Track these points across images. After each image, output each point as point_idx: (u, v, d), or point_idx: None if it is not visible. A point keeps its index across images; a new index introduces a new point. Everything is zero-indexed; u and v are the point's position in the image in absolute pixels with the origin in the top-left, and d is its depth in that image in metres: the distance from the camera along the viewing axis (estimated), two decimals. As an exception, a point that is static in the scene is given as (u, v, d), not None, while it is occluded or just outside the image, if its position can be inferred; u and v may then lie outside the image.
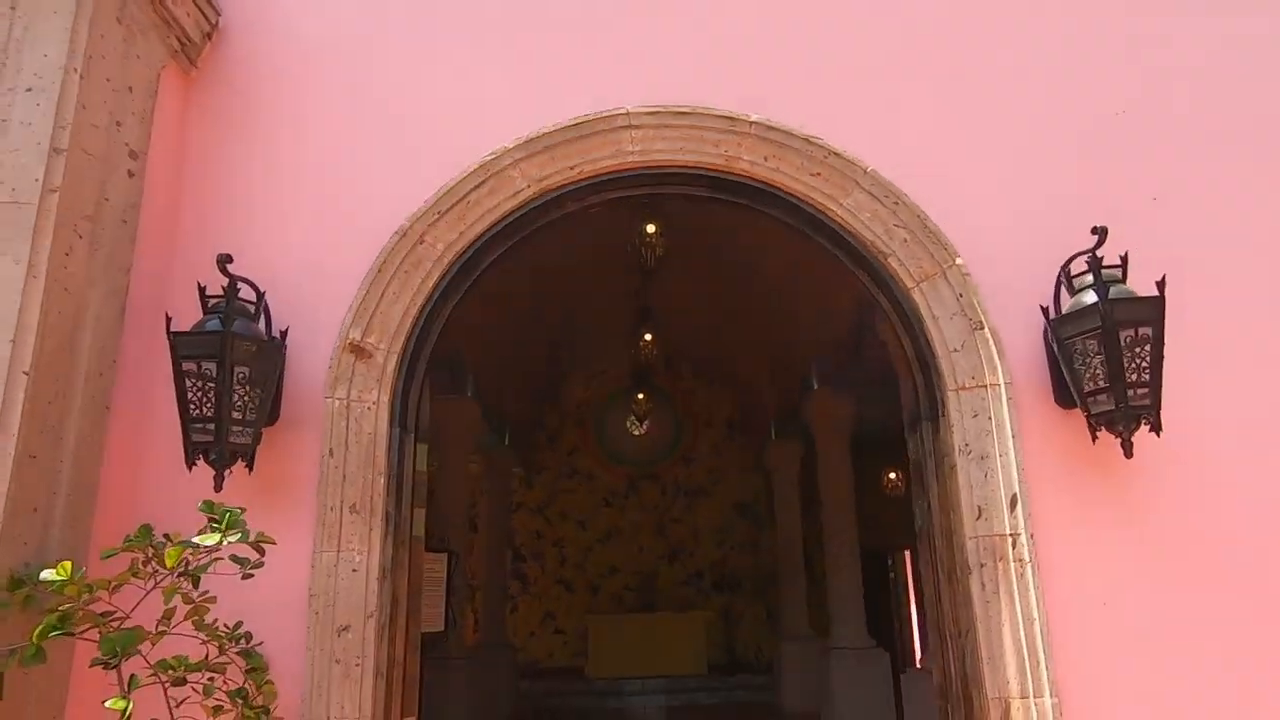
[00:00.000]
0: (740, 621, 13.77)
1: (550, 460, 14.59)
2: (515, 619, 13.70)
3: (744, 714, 10.65)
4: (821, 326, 8.78)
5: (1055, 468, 3.20)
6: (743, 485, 14.45)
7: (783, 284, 9.38)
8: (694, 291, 11.57)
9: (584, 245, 9.59)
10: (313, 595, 2.99)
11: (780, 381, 10.98)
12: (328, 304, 3.28)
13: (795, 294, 9.15)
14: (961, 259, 3.37)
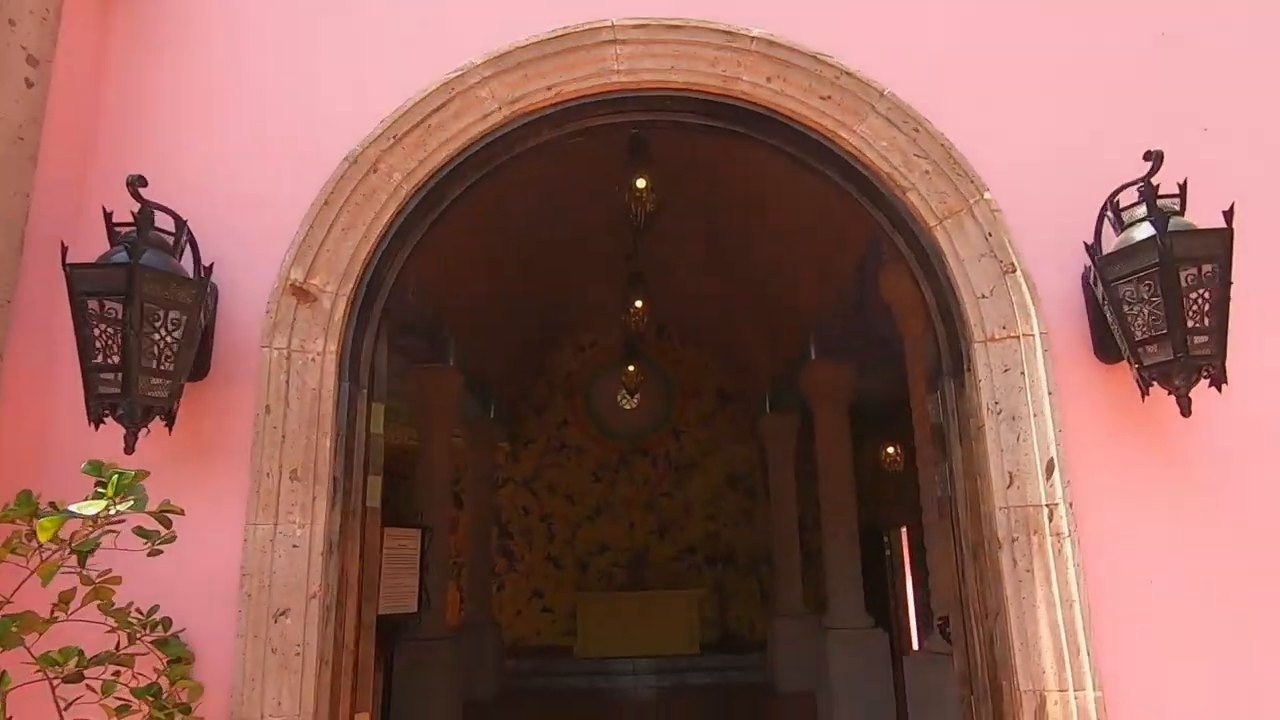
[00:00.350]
0: (733, 598, 13.46)
1: (538, 433, 14.21)
2: (502, 597, 13.38)
3: (736, 695, 10.34)
4: (821, 291, 8.38)
5: (1098, 429, 2.81)
6: (735, 458, 14.09)
7: (781, 247, 8.97)
8: (687, 255, 11.14)
9: (571, 204, 9.19)
10: (245, 574, 2.59)
11: (776, 350, 10.58)
12: (267, 240, 2.85)
13: (794, 258, 8.74)
14: (991, 193, 2.96)
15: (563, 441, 14.17)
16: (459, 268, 8.70)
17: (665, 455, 14.12)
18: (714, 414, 14.30)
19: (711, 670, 11.54)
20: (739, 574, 13.59)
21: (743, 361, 12.67)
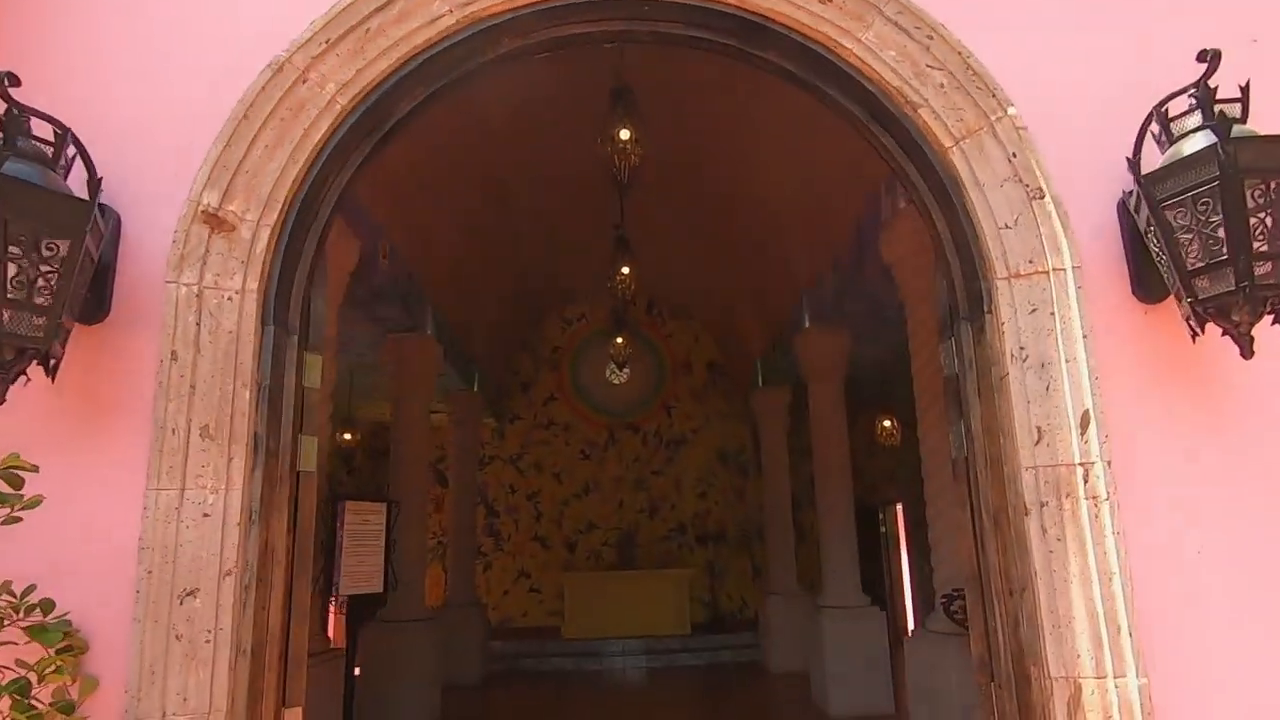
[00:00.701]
0: (724, 577, 13.16)
1: (524, 409, 13.83)
2: (489, 577, 13.06)
3: (728, 675, 10.03)
4: (815, 257, 8.00)
5: (1139, 377, 2.44)
6: (726, 434, 13.76)
7: (772, 212, 8.58)
8: (675, 227, 10.74)
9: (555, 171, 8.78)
10: (145, 548, 2.20)
11: (768, 321, 10.21)
12: (179, 161, 2.45)
13: (786, 223, 8.36)
14: (1015, 109, 2.57)
15: (550, 418, 13.81)
16: (436, 234, 8.29)
17: (655, 431, 13.77)
18: (705, 389, 13.95)
19: (702, 651, 11.24)
20: (730, 552, 13.28)
21: (734, 334, 12.30)
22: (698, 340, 14.12)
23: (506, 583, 13.16)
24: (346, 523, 4.56)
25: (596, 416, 13.83)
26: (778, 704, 8.14)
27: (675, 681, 9.82)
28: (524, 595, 13.10)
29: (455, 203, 8.35)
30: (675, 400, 13.89)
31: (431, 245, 8.29)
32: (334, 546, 4.47)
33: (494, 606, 13.01)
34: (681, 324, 14.20)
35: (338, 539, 4.48)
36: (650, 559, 13.12)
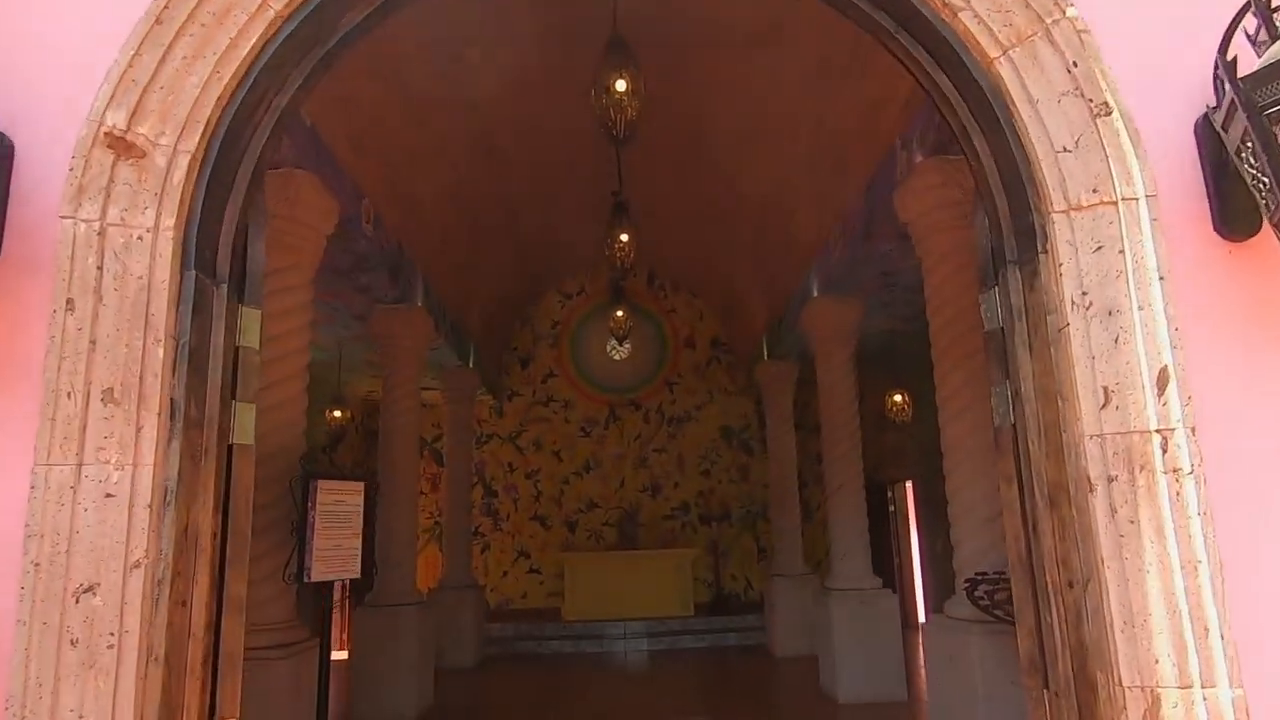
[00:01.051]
0: (728, 557, 12.83)
1: (523, 386, 13.47)
2: (487, 558, 12.76)
3: (733, 659, 9.71)
4: (823, 221, 7.59)
5: (1228, 327, 2.05)
6: (730, 410, 13.40)
7: (777, 176, 8.16)
8: (675, 188, 10.32)
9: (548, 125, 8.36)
10: (32, 536, 1.83)
11: (774, 291, 9.81)
12: (79, 76, 2.05)
13: (792, 187, 7.94)
14: (1075, 8, 2.16)
15: (549, 395, 13.45)
16: (425, 202, 7.90)
17: (657, 408, 13.41)
18: (708, 364, 13.57)
19: (706, 633, 10.93)
20: (734, 532, 12.95)
21: (738, 307, 11.90)
22: (701, 315, 13.73)
23: (505, 563, 12.85)
24: (319, 503, 4.19)
25: (597, 393, 13.47)
26: (784, 690, 7.82)
27: (677, 665, 9.51)
28: (523, 576, 12.80)
29: (445, 172, 7.95)
30: (678, 376, 13.52)
31: (420, 214, 7.90)
32: (304, 529, 4.09)
33: (493, 588, 12.72)
34: (684, 298, 13.79)
35: (309, 520, 4.11)
36: (652, 539, 12.80)
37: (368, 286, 7.35)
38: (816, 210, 7.71)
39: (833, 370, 7.76)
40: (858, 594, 7.10)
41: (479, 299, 10.95)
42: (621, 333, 9.42)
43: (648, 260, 13.48)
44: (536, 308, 13.75)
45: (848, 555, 7.30)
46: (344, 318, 8.42)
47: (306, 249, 5.21)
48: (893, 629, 7.03)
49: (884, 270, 7.25)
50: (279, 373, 4.87)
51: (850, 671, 6.92)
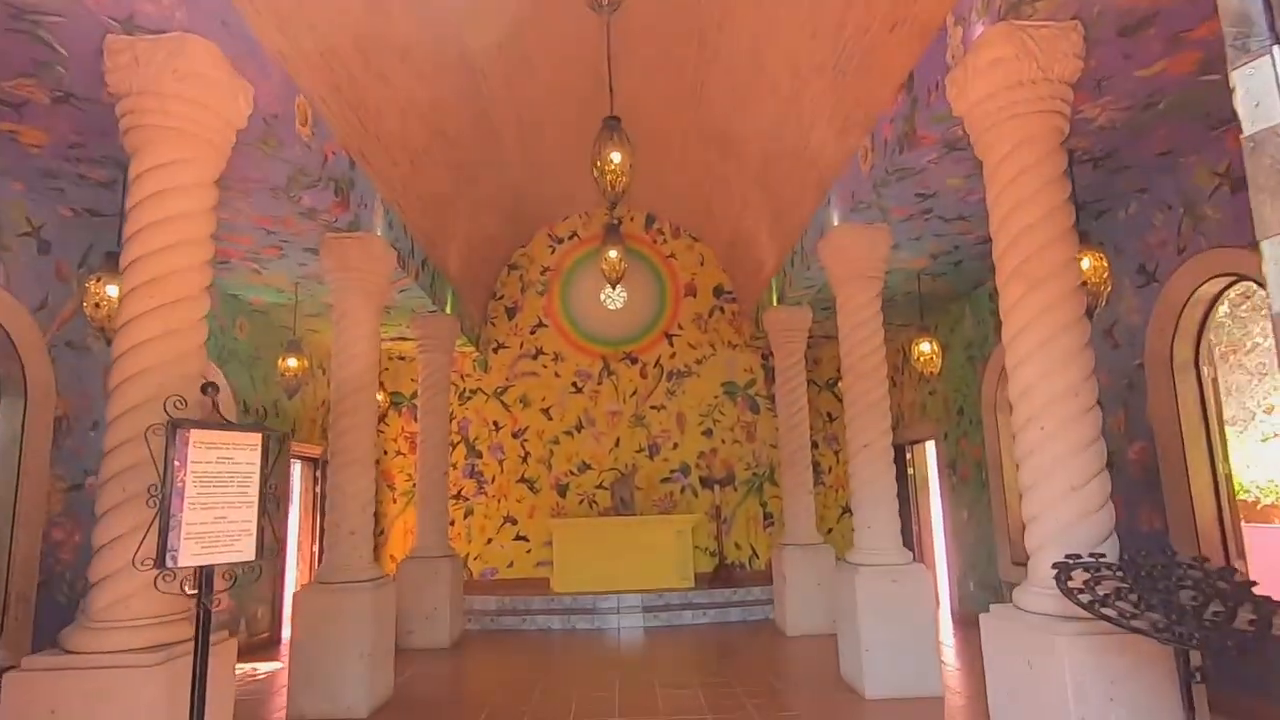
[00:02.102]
0: (731, 522, 11.82)
1: (509, 337, 12.39)
2: (470, 524, 11.78)
3: (737, 639, 8.71)
4: (847, 136, 6.44)
5: None
6: (735, 364, 12.32)
7: (790, 90, 6.99)
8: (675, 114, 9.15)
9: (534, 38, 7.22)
10: None
11: (786, 226, 8.68)
12: None
13: (808, 99, 6.78)
14: None
15: (538, 347, 12.36)
16: (387, 118, 6.74)
17: (655, 362, 12.32)
18: (710, 314, 12.46)
19: (708, 607, 9.94)
20: (739, 496, 11.92)
21: (744, 249, 10.76)
22: (702, 260, 12.59)
23: (490, 530, 11.85)
24: (190, 461, 3.11)
25: (590, 345, 12.37)
26: (799, 678, 6.79)
27: (676, 644, 8.51)
28: (510, 544, 11.80)
29: (410, 82, 6.80)
30: (677, 327, 12.41)
31: (379, 128, 6.75)
32: (167, 497, 3.02)
33: (476, 556, 11.74)
34: (684, 242, 12.65)
35: (174, 484, 3.03)
36: (649, 504, 11.79)
37: (313, 210, 6.22)
38: (839, 122, 6.56)
39: (857, 311, 6.65)
40: (887, 571, 6.06)
41: (458, 238, 9.83)
42: (616, 276, 8.29)
43: (645, 201, 12.35)
44: (525, 252, 12.62)
45: (874, 526, 6.24)
46: (295, 250, 7.30)
47: (205, 140, 4.08)
48: (926, 613, 6.00)
49: (920, 190, 6.11)
50: (166, 294, 3.78)
51: (878, 661, 5.90)
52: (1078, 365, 3.68)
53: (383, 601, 6.39)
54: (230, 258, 7.51)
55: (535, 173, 10.63)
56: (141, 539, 3.12)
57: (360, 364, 6.67)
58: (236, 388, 9.01)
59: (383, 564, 11.61)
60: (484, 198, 9.98)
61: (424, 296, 8.80)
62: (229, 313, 8.89)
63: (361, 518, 6.42)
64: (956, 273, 8.47)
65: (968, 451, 9.42)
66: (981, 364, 9.01)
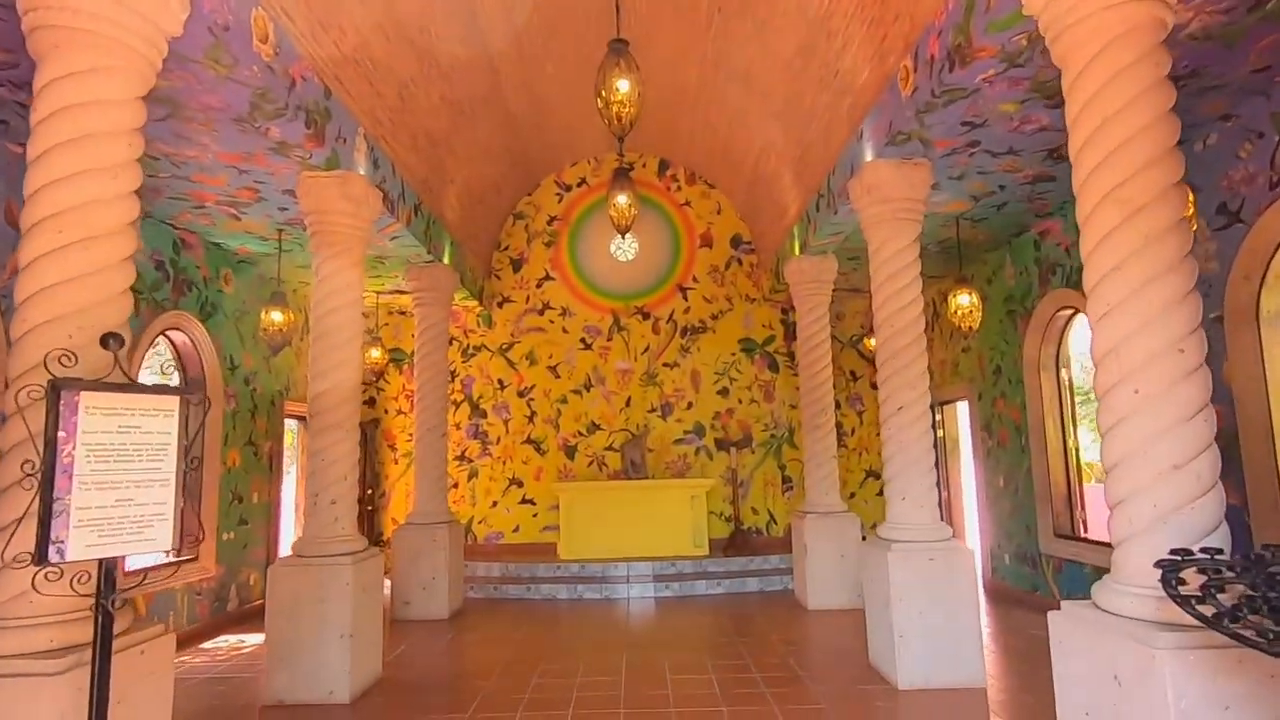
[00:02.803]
0: (748, 487, 11.21)
1: (515, 291, 11.74)
2: (475, 486, 11.23)
3: (755, 613, 8.13)
4: (884, 52, 5.68)
5: None
6: (752, 318, 11.63)
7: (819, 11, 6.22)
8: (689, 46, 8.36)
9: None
10: None
11: (810, 166, 7.92)
12: None
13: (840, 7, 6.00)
14: None
15: (545, 301, 11.69)
16: (365, 35, 6.02)
17: (668, 317, 11.64)
18: (727, 266, 11.74)
19: (723, 577, 9.37)
20: (756, 459, 11.30)
21: (764, 195, 10.01)
22: (719, 209, 11.83)
23: (495, 493, 11.30)
24: (81, 431, 2.48)
25: (600, 299, 11.70)
26: (824, 663, 6.19)
27: (689, 618, 7.94)
28: (515, 507, 11.26)
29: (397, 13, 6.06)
30: (692, 280, 11.71)
31: (360, 52, 6.04)
32: (47, 477, 2.40)
33: (480, 520, 11.21)
34: (700, 190, 11.89)
35: (59, 460, 2.41)
36: (662, 466, 11.19)
37: (284, 144, 5.55)
38: (876, 43, 5.80)
39: (894, 258, 5.94)
40: (924, 548, 5.42)
41: (457, 183, 9.13)
42: (625, 224, 7.60)
43: (658, 145, 11.58)
44: (530, 201, 11.90)
45: (909, 497, 5.59)
46: (273, 193, 6.65)
47: (128, 47, 3.40)
48: (968, 595, 5.37)
49: (967, 118, 5.37)
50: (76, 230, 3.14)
51: (913, 648, 5.29)
52: (1184, 314, 2.98)
53: (368, 576, 5.82)
54: (205, 201, 6.87)
55: (539, 112, 9.88)
56: (12, 531, 2.51)
57: (342, 316, 6.03)
58: (222, 344, 8.42)
59: (385, 528, 11.11)
60: (484, 140, 9.26)
61: (418, 245, 8.13)
62: (212, 263, 8.28)
63: (343, 486, 5.83)
64: (998, 218, 7.73)
65: (1005, 414, 8.73)
66: (1023, 319, 8.28)
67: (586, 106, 10.20)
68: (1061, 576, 7.59)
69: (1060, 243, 7.65)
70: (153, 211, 7.10)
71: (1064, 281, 7.59)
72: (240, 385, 8.79)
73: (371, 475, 11.19)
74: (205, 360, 8.24)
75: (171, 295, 7.58)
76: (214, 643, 7.35)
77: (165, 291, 7.50)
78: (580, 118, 10.49)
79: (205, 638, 7.54)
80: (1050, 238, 7.82)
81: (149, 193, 6.60)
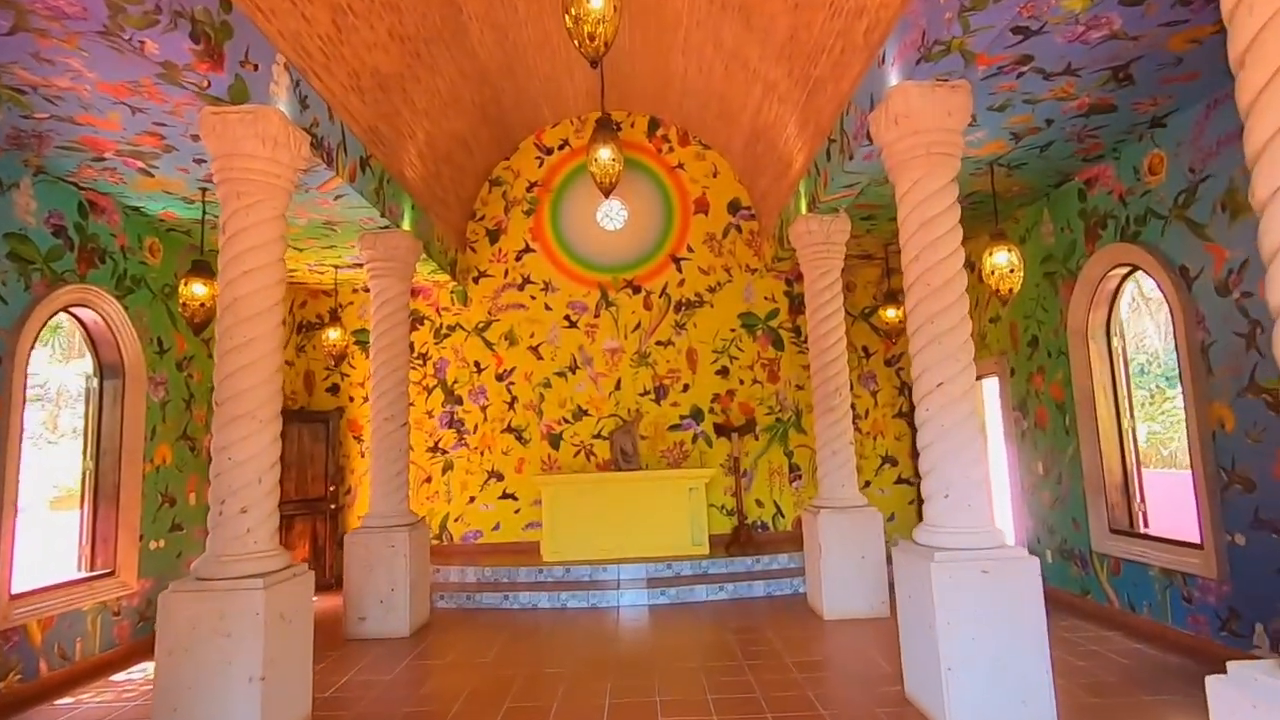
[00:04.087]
0: (751, 477, 10.15)
1: (492, 264, 10.64)
2: (450, 479, 10.17)
3: (766, 623, 7.06)
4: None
5: None
6: (754, 291, 10.54)
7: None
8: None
9: None
10: None
11: (819, 108, 6.80)
12: None
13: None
14: None
15: (525, 275, 10.60)
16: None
17: (661, 291, 10.55)
18: (725, 234, 10.63)
19: (726, 580, 8.29)
20: (760, 446, 10.23)
21: (766, 151, 8.88)
22: (715, 171, 10.71)
23: (473, 487, 10.23)
24: None
25: (585, 272, 10.60)
26: (849, 700, 5.07)
27: (687, 634, 6.87)
28: (495, 503, 10.19)
29: None
30: (687, 250, 10.60)
31: None
32: None
33: (457, 517, 10.16)
34: (694, 151, 10.76)
35: None
36: (656, 455, 10.13)
37: (171, 66, 4.44)
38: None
39: (928, 203, 4.83)
40: (975, 558, 4.33)
41: (417, 137, 8.02)
42: (609, 182, 6.50)
43: (646, 102, 10.45)
44: (508, 165, 10.79)
45: (953, 494, 4.51)
46: (180, 139, 5.56)
47: None
48: (1036, 619, 4.28)
49: (1022, 21, 4.28)
50: None
51: (966, 684, 4.22)
52: None
53: (288, 601, 4.74)
54: (104, 152, 5.75)
55: (511, 59, 8.75)
56: None
57: (255, 282, 4.93)
58: (146, 323, 7.34)
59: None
60: (447, 90, 8.13)
61: (367, 206, 7.02)
62: (132, 231, 7.18)
63: (257, 490, 4.74)
64: (1038, 163, 6.64)
65: (1043, 391, 7.64)
66: (1065, 282, 7.18)
67: (567, 55, 9.08)
68: (1120, 580, 6.52)
69: (1113, 190, 6.54)
70: (45, 166, 6.00)
71: (1117, 235, 6.49)
72: (171, 371, 7.70)
73: (335, 469, 10.11)
74: (123, 342, 7.15)
75: (76, 266, 6.49)
76: (127, 673, 6.26)
77: (68, 262, 6.41)
78: (560, 68, 9.36)
79: (120, 666, 6.47)
80: (1099, 186, 6.72)
81: (30, 139, 5.49)
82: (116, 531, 7.07)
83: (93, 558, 7.00)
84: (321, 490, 9.96)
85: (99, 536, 7.07)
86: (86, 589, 6.59)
